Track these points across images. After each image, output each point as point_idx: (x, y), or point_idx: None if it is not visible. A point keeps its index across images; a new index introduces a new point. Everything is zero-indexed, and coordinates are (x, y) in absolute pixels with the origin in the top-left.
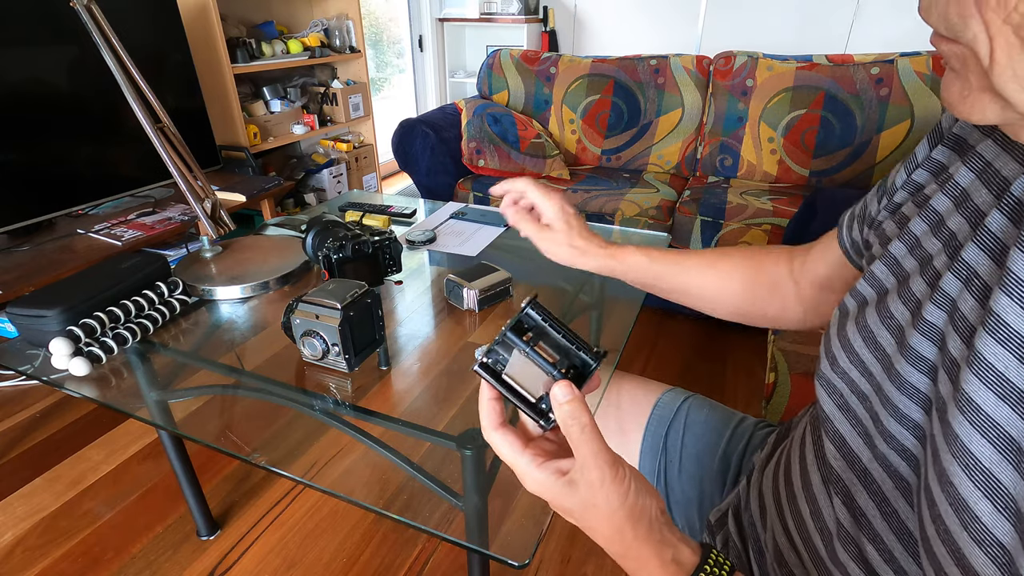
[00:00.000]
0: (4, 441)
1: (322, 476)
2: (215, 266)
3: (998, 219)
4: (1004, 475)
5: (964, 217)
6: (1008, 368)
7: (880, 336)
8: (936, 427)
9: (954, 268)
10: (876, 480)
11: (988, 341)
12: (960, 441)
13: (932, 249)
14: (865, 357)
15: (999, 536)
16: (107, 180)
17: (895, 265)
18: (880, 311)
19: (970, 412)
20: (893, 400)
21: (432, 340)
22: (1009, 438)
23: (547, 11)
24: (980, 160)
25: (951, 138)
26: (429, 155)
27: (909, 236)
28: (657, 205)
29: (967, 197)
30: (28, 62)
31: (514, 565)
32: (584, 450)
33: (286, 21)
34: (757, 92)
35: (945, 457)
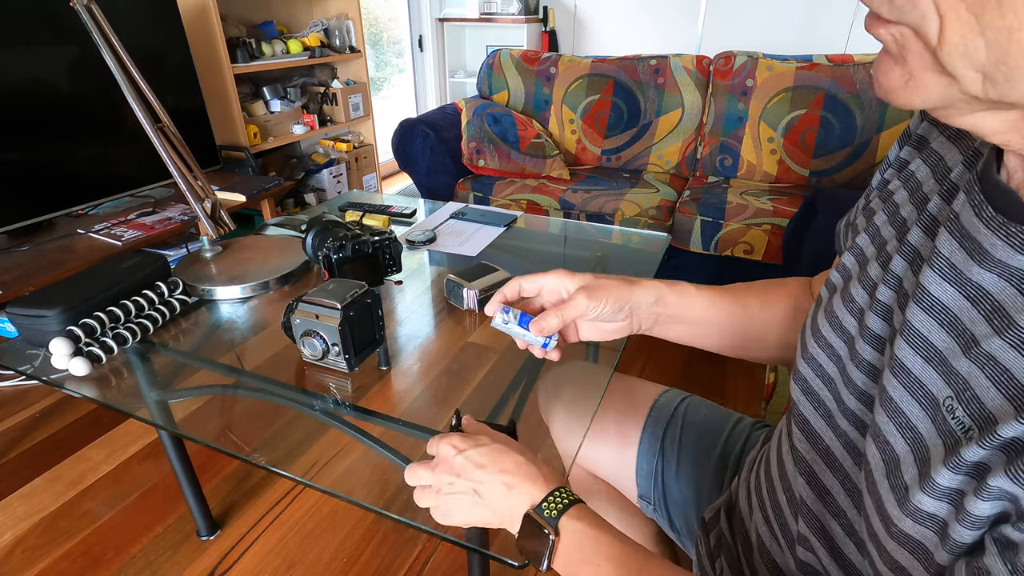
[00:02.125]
0: (4, 441)
1: (322, 476)
2: (215, 266)
3: (936, 202)
4: (924, 426)
5: (913, 205)
6: (930, 332)
7: (845, 320)
8: (878, 393)
9: (901, 251)
10: (838, 458)
11: (915, 310)
12: (893, 402)
13: (887, 235)
14: (833, 341)
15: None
16: (107, 180)
17: (860, 254)
18: (844, 296)
19: (902, 375)
20: (853, 378)
21: (432, 340)
22: (930, 395)
23: (547, 11)
24: (935, 155)
25: (916, 138)
26: (429, 155)
27: (872, 227)
28: (657, 205)
29: (919, 187)
30: (28, 62)
31: (514, 565)
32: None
33: (286, 21)
34: (757, 92)
35: (880, 419)
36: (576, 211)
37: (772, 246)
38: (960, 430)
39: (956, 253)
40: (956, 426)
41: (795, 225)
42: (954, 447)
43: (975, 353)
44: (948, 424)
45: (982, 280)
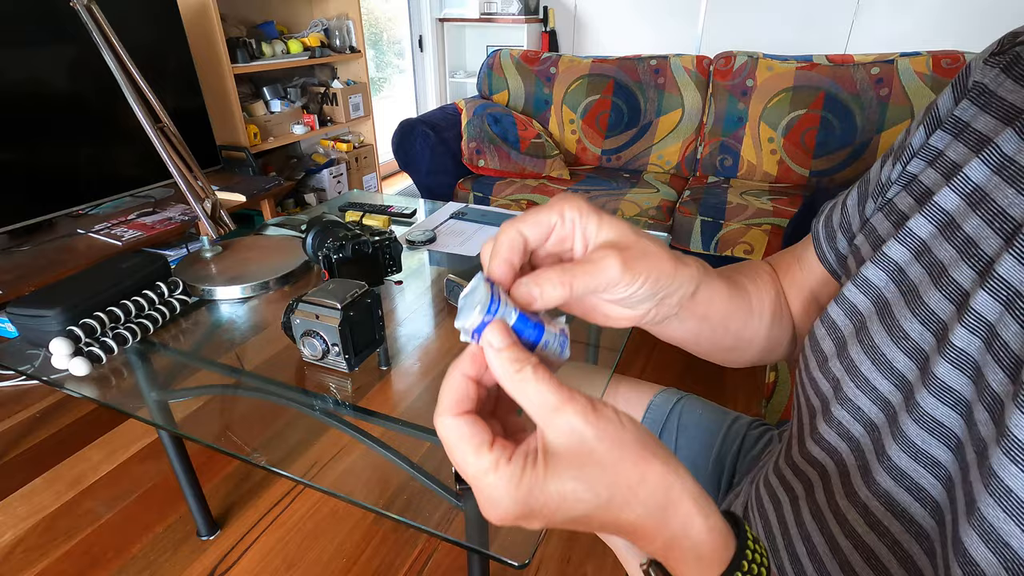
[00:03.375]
0: (4, 441)
1: (322, 476)
2: (215, 266)
3: None
4: None
5: (984, 220)
6: None
7: (895, 359)
8: (974, 473)
9: (988, 285)
10: (880, 520)
11: None
12: (1015, 496)
13: (944, 256)
14: (878, 383)
15: None
16: (107, 180)
17: (896, 272)
18: (889, 328)
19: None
20: (909, 434)
21: (432, 340)
22: None
23: (547, 11)
24: (998, 153)
25: (952, 122)
26: (429, 155)
27: (911, 238)
28: (657, 205)
29: (986, 197)
30: (28, 62)
31: (514, 565)
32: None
33: (286, 21)
34: (757, 92)
35: (989, 512)
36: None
37: (772, 246)
38: None
39: None
40: None
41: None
42: None
43: None
44: None
45: None
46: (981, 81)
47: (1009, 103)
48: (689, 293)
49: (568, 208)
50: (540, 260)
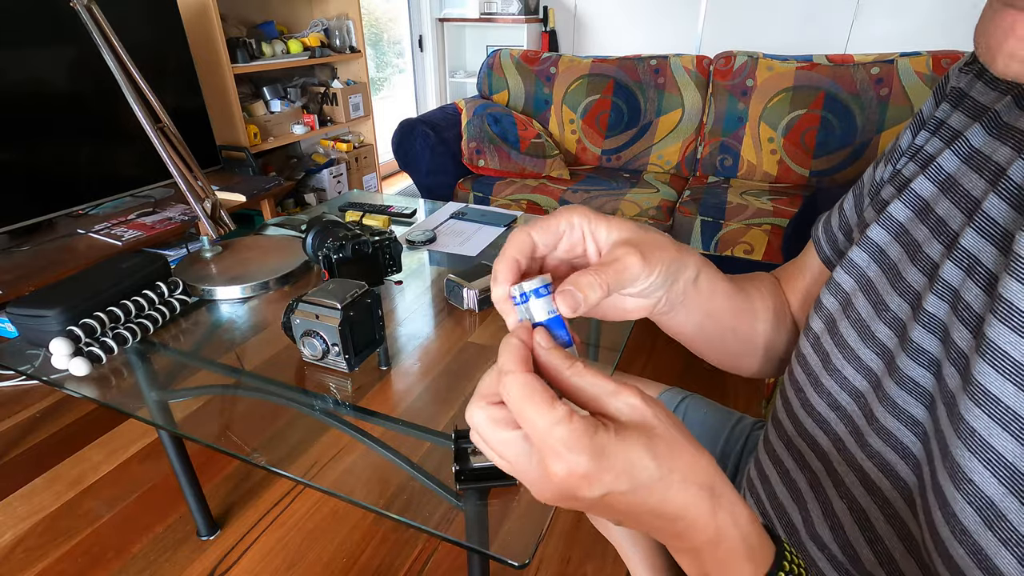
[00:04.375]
0: (4, 441)
1: (322, 476)
2: (215, 266)
3: (997, 204)
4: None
5: (953, 202)
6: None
7: (878, 331)
8: (944, 423)
9: (953, 256)
10: (873, 480)
11: (1001, 329)
12: (978, 435)
13: (919, 236)
14: (863, 354)
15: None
16: (107, 180)
17: (877, 252)
18: (874, 304)
19: (988, 404)
20: (891, 395)
21: (432, 340)
22: None
23: (547, 11)
24: (966, 145)
25: (932, 122)
26: (429, 155)
27: (891, 221)
28: (657, 205)
29: (954, 183)
30: (28, 62)
31: (514, 565)
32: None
33: (286, 21)
34: (757, 92)
35: (959, 453)
36: None
37: (772, 246)
38: None
39: None
40: None
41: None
42: None
43: None
44: None
45: None
46: (957, 86)
47: (979, 103)
48: (693, 277)
49: (577, 216)
50: (552, 268)
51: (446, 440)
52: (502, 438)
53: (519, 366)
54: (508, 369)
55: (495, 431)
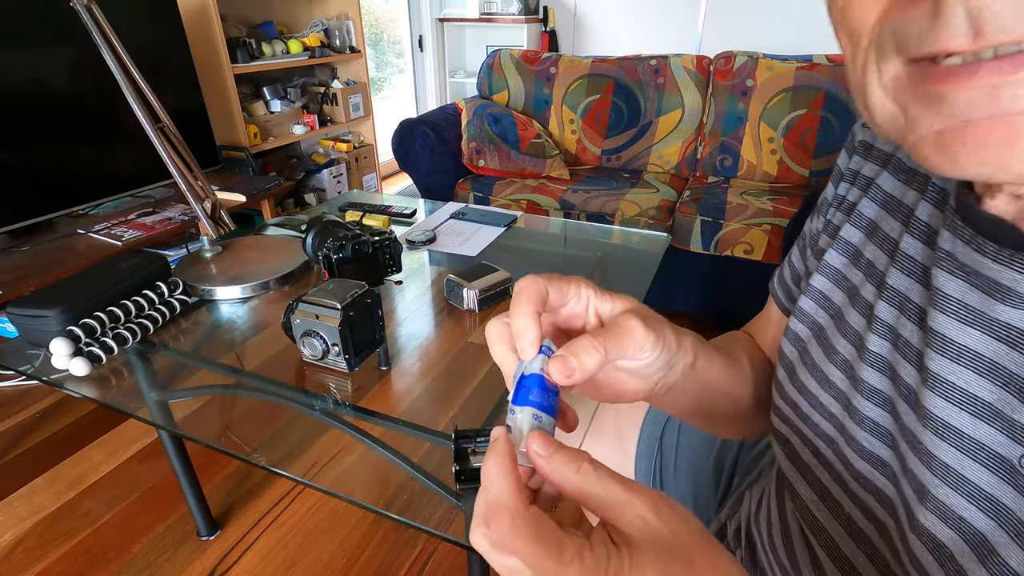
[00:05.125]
0: (4, 441)
1: (322, 476)
2: (215, 266)
3: (912, 243)
4: (1004, 494)
5: (877, 246)
6: (970, 384)
7: (831, 375)
8: (913, 461)
9: (884, 296)
10: (861, 528)
11: (941, 361)
12: (953, 471)
13: (855, 279)
14: (823, 399)
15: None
16: (107, 180)
17: (822, 299)
18: (825, 348)
19: (953, 437)
20: (857, 438)
21: (432, 340)
22: (999, 456)
23: (547, 11)
24: (880, 192)
25: (849, 174)
26: (429, 155)
27: (830, 269)
28: (657, 205)
29: (876, 227)
30: (28, 62)
31: None
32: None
33: (286, 21)
34: (757, 92)
35: (941, 491)
36: (576, 211)
37: (772, 246)
38: None
39: (969, 294)
40: None
41: (795, 225)
42: None
43: None
44: None
45: (1011, 319)
46: (863, 139)
47: (883, 151)
48: (691, 362)
49: (584, 287)
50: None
51: (446, 440)
52: (510, 565)
53: (519, 500)
54: (507, 505)
55: (501, 557)
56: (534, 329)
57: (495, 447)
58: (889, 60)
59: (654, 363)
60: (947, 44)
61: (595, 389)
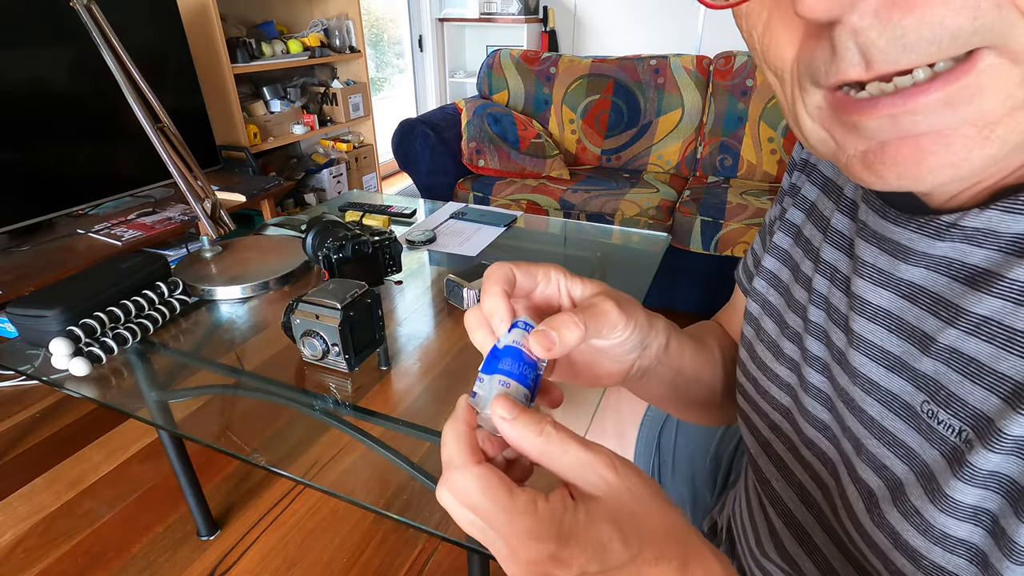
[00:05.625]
0: (4, 441)
1: (322, 476)
2: (215, 266)
3: (840, 219)
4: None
5: (813, 224)
6: (883, 340)
7: (785, 348)
8: (851, 420)
9: (819, 269)
10: (810, 492)
11: (861, 321)
12: (876, 423)
13: (797, 257)
14: (779, 371)
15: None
16: (107, 180)
17: (772, 278)
18: (779, 324)
19: (874, 392)
20: (807, 406)
21: (432, 340)
22: (906, 405)
23: (547, 11)
24: (820, 176)
25: (801, 163)
26: (429, 155)
27: (777, 250)
28: (657, 205)
29: (815, 208)
30: (28, 62)
31: None
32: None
33: (286, 21)
34: (757, 92)
35: (869, 443)
36: (576, 211)
37: None
38: (951, 434)
39: (880, 258)
40: (946, 431)
41: None
42: (957, 455)
43: (935, 349)
44: (936, 431)
45: (912, 276)
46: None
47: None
48: (663, 344)
49: (555, 270)
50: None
51: None
52: (468, 519)
53: (468, 458)
54: (457, 463)
55: (461, 511)
56: (503, 306)
57: (454, 414)
58: (810, 92)
59: (627, 342)
60: (847, 75)
61: (572, 372)
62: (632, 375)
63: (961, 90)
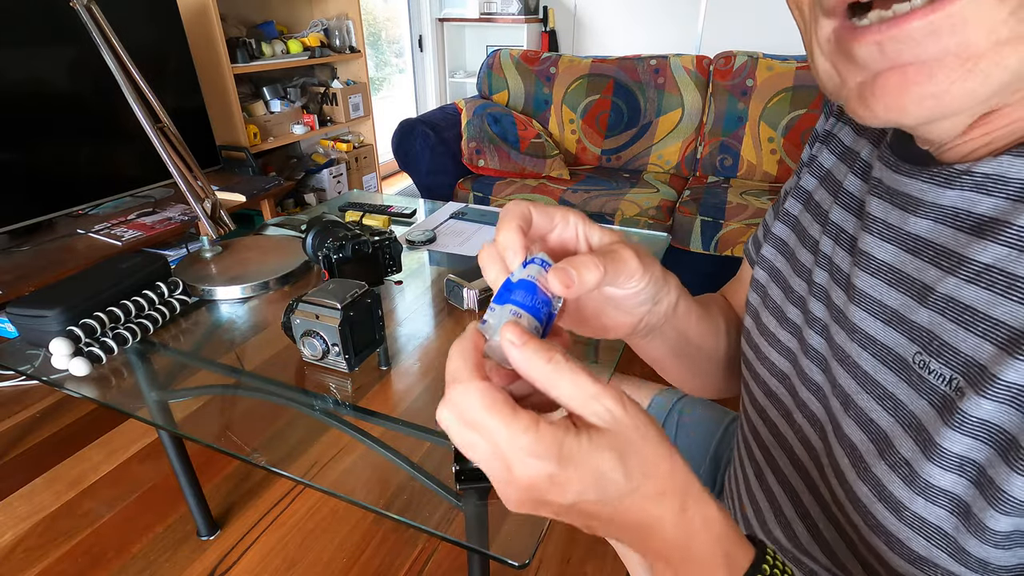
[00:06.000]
0: (4, 441)
1: (322, 476)
2: (215, 266)
3: (853, 181)
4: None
5: (825, 189)
6: (882, 294)
7: (789, 312)
8: (844, 377)
9: (827, 231)
10: (799, 456)
11: (863, 276)
12: (870, 376)
13: (805, 222)
14: (781, 336)
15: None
16: (107, 180)
17: (780, 244)
18: (784, 289)
19: (869, 345)
20: (804, 368)
21: (432, 340)
22: (899, 357)
23: (547, 11)
24: (840, 144)
25: (822, 135)
26: (429, 155)
27: (788, 216)
28: (657, 205)
29: (829, 174)
30: (28, 62)
31: (514, 565)
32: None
33: (286, 21)
34: (757, 92)
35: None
36: None
37: None
38: (942, 383)
39: (891, 213)
40: (936, 380)
41: None
42: (947, 403)
43: (932, 300)
44: (926, 381)
45: (919, 230)
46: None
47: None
48: (674, 301)
49: (573, 215)
50: None
51: (446, 440)
52: (468, 439)
53: (473, 374)
54: (460, 378)
55: (461, 429)
56: (518, 240)
57: (462, 335)
58: (821, 24)
59: (641, 293)
60: None
61: (580, 319)
62: (639, 330)
63: (945, 18)
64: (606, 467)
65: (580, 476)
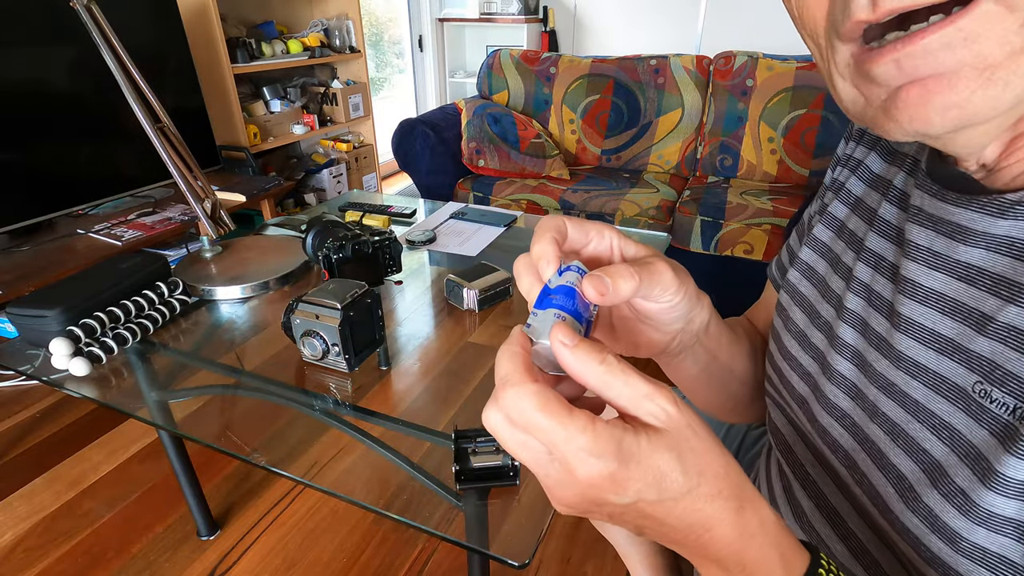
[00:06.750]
0: (4, 441)
1: (322, 476)
2: (215, 266)
3: (888, 209)
4: (958, 421)
5: (859, 217)
6: (936, 323)
7: (812, 336)
8: (883, 402)
9: (862, 258)
10: (816, 482)
11: (911, 304)
12: (921, 406)
13: (838, 249)
14: (803, 360)
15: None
16: (107, 180)
17: (807, 269)
18: (809, 314)
19: (920, 374)
20: (826, 393)
21: (432, 340)
22: (956, 387)
23: (547, 11)
24: (868, 172)
25: (845, 159)
26: (429, 155)
27: (816, 242)
28: (657, 205)
29: (860, 202)
30: (28, 62)
31: (514, 565)
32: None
33: (286, 21)
34: (757, 92)
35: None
36: (576, 211)
37: (772, 246)
38: (1005, 412)
39: (936, 241)
40: (999, 409)
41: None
42: (1010, 432)
43: (992, 329)
44: (987, 410)
45: (971, 258)
46: (859, 127)
47: (874, 136)
48: (706, 321)
49: (607, 228)
50: None
51: (446, 440)
52: (520, 440)
53: (524, 376)
54: (512, 380)
55: (512, 431)
56: (552, 251)
57: (508, 339)
58: (838, 50)
59: (675, 309)
60: (857, 16)
61: (611, 335)
62: (671, 349)
63: (956, 32)
64: (666, 467)
65: (641, 475)
